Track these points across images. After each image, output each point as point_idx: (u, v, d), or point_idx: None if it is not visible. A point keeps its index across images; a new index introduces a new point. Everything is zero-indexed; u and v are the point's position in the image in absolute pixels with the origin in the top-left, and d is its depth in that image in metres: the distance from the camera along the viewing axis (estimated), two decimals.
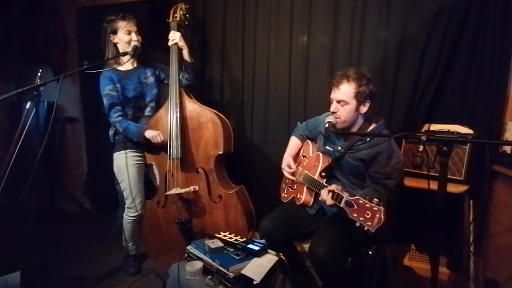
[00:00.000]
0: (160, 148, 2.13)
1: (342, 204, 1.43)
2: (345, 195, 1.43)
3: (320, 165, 1.76)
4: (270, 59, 2.56)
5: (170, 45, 2.15)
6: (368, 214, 1.30)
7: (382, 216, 1.27)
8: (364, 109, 1.67)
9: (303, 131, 2.05)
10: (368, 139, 1.63)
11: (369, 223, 1.29)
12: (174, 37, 2.13)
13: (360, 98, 1.63)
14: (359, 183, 1.72)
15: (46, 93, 1.69)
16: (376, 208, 1.29)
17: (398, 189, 1.69)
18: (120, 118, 2.09)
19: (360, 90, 1.62)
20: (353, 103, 1.64)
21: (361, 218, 1.32)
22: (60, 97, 1.61)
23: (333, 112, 1.68)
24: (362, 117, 1.73)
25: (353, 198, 1.39)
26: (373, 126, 1.72)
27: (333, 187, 1.53)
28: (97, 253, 2.60)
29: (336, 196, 1.48)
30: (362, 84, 1.62)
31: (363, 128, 1.72)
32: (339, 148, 1.75)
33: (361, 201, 1.35)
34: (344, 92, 1.63)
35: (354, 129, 1.72)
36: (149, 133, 2.06)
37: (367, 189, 1.64)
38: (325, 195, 1.53)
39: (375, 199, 1.31)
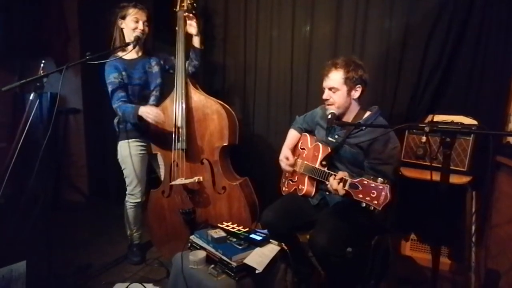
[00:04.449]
0: (165, 139, 2.14)
1: (346, 187, 1.43)
2: (349, 178, 1.44)
3: (320, 154, 1.77)
4: (272, 49, 2.54)
5: (188, 31, 2.16)
6: (373, 193, 1.30)
7: (388, 193, 1.27)
8: (356, 94, 1.71)
9: (301, 124, 2.06)
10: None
11: (375, 202, 1.29)
12: (193, 24, 2.15)
13: (349, 83, 1.68)
14: (358, 171, 1.72)
15: (49, 85, 1.70)
16: (381, 186, 1.29)
17: (396, 175, 1.70)
18: (120, 103, 2.09)
19: (349, 75, 1.67)
20: (343, 88, 1.69)
21: (367, 198, 1.32)
22: (63, 89, 1.60)
23: (326, 100, 1.73)
24: (357, 104, 1.75)
25: (357, 179, 1.38)
26: (367, 114, 1.76)
27: (341, 174, 1.50)
28: (101, 242, 2.63)
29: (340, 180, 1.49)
30: (350, 70, 1.67)
31: (359, 116, 1.75)
32: (337, 137, 1.79)
33: (366, 182, 1.35)
34: (334, 79, 1.69)
35: (350, 116, 1.76)
36: (142, 109, 1.99)
37: (367, 175, 1.64)
38: (335, 184, 1.49)
39: (379, 178, 1.31)
